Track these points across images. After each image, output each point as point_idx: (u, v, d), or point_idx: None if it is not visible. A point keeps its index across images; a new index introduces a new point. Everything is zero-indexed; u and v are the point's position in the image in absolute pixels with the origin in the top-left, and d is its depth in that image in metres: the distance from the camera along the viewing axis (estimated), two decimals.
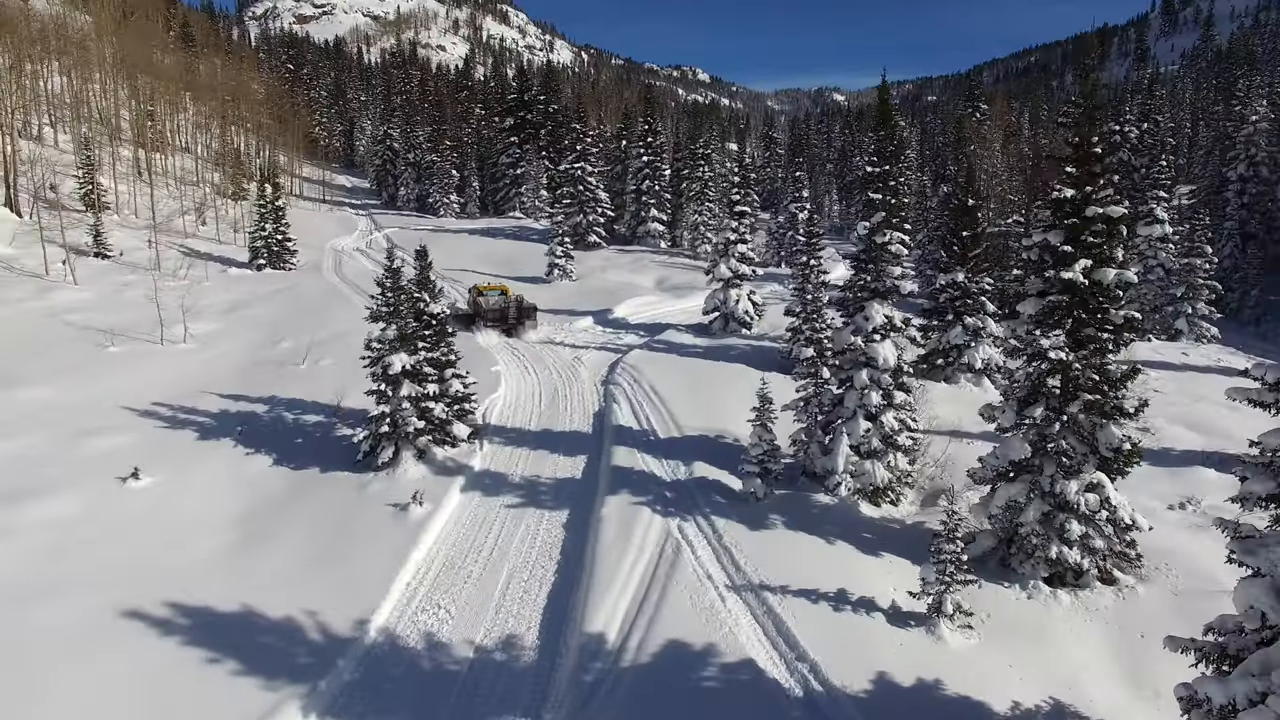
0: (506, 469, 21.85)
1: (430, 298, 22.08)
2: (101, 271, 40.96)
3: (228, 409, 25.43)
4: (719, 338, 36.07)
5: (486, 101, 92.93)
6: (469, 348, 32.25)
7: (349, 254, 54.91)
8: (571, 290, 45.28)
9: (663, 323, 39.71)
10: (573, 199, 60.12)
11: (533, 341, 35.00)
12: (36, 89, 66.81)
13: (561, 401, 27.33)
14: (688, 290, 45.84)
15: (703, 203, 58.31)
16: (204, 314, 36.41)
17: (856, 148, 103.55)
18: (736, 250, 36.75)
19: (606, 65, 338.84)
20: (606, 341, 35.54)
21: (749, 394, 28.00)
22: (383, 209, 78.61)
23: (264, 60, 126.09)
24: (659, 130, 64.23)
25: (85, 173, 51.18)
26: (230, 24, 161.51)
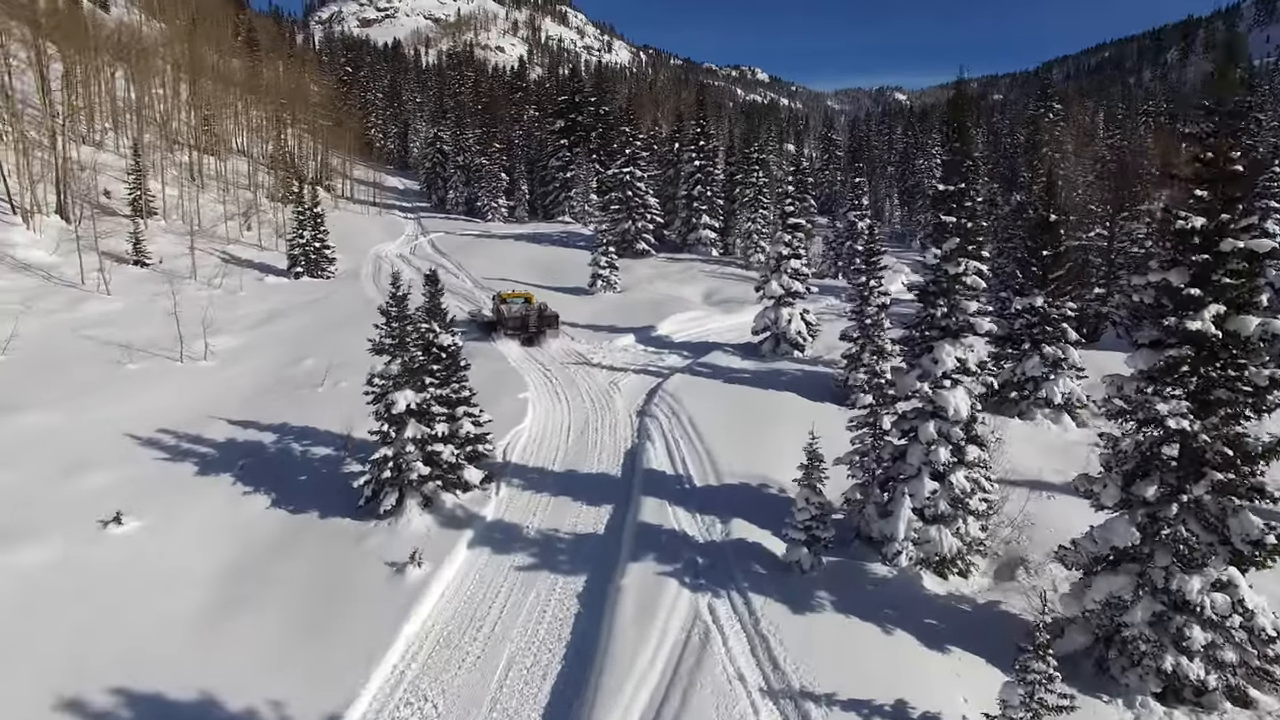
0: (522, 519, 19.46)
1: (441, 327, 19.80)
2: (137, 280, 39.98)
3: (235, 438, 23.62)
4: (768, 361, 33.22)
5: (540, 103, 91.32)
6: (497, 370, 30.20)
7: (390, 261, 53.41)
8: (614, 303, 42.84)
9: (709, 341, 37.02)
10: (621, 205, 57.79)
11: (564, 361, 32.65)
12: (100, 95, 67.21)
13: (592, 435, 24.84)
14: (738, 304, 43.04)
15: (756, 209, 55.34)
16: (233, 326, 35.04)
17: (919, 150, 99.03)
18: (789, 266, 33.85)
19: (665, 66, 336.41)
20: (648, 363, 32.97)
21: (798, 430, 25.22)
22: (431, 212, 77.39)
23: (324, 63, 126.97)
24: (712, 133, 61.43)
25: (135, 178, 50.72)
26: (295, 28, 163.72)
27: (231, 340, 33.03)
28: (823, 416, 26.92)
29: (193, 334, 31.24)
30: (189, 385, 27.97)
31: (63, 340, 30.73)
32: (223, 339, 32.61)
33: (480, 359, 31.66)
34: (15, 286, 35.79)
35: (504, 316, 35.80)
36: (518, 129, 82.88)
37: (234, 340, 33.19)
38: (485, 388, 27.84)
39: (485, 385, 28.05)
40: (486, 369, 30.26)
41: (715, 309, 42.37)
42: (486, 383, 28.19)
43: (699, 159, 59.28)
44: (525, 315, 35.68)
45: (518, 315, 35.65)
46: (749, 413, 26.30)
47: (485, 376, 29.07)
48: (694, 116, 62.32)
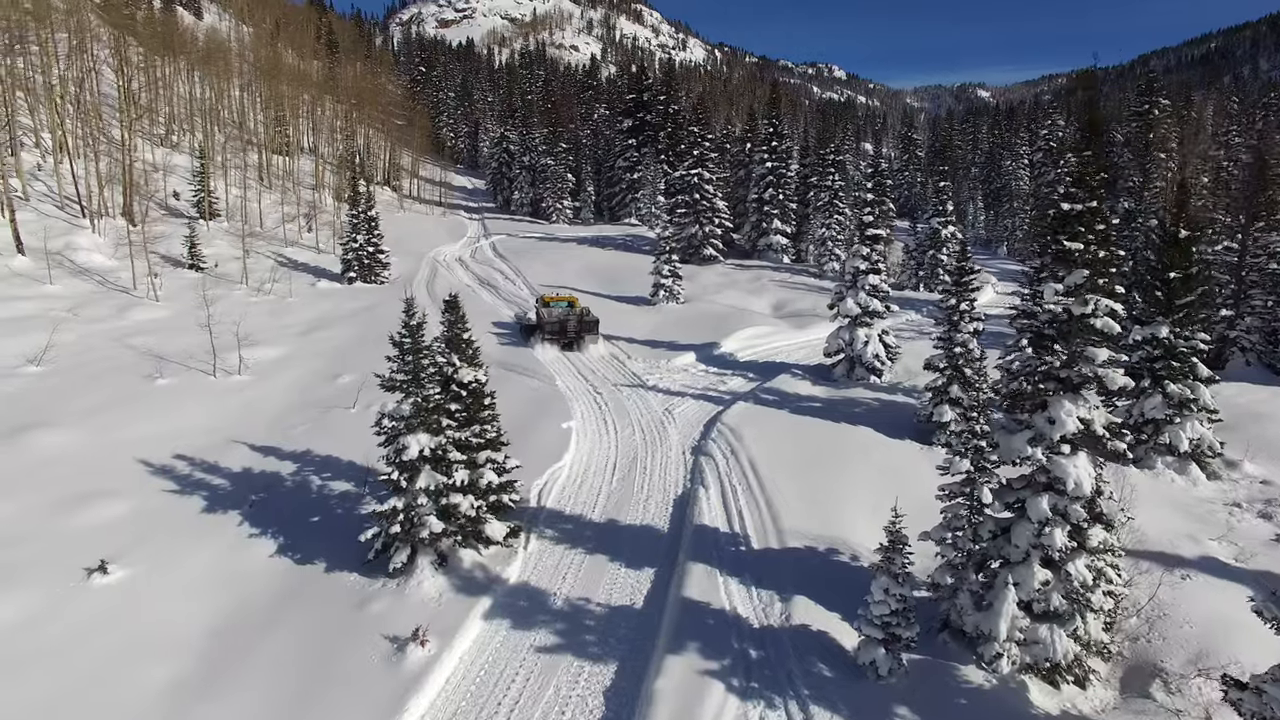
0: (550, 584, 16.78)
1: (462, 360, 17.27)
2: (189, 286, 38.92)
3: (252, 468, 21.65)
4: (842, 387, 29.85)
5: (610, 101, 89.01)
6: (542, 393, 27.68)
7: (447, 265, 51.69)
8: (676, 316, 39.91)
9: (778, 361, 33.81)
10: (688, 208, 54.82)
11: (617, 382, 29.90)
12: (176, 98, 67.67)
13: (639, 475, 22.02)
14: (809, 319, 39.61)
15: (831, 215, 51.63)
16: (276, 336, 33.48)
17: (1007, 149, 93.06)
18: (867, 282, 30.38)
19: (740, 64, 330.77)
20: (708, 387, 29.98)
21: (875, 476, 22.06)
22: (496, 213, 75.85)
23: (400, 63, 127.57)
24: (785, 133, 57.84)
25: (200, 180, 50.23)
26: (375, 31, 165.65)
27: (270, 351, 31.39)
28: (903, 458, 23.74)
29: (231, 345, 29.70)
30: (218, 402, 26.28)
31: (101, 350, 29.52)
32: (261, 351, 30.98)
33: (523, 378, 29.37)
34: (68, 292, 35.02)
35: (543, 320, 34.47)
36: (586, 129, 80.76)
37: (273, 351, 31.55)
38: (526, 413, 25.53)
39: (526, 410, 25.76)
40: (529, 391, 27.88)
41: (785, 323, 39.03)
42: (527, 408, 25.89)
43: (771, 160, 55.81)
44: (565, 319, 34.34)
45: (557, 319, 34.32)
46: (818, 452, 23.07)
47: (526, 400, 26.75)
48: (766, 115, 58.79)
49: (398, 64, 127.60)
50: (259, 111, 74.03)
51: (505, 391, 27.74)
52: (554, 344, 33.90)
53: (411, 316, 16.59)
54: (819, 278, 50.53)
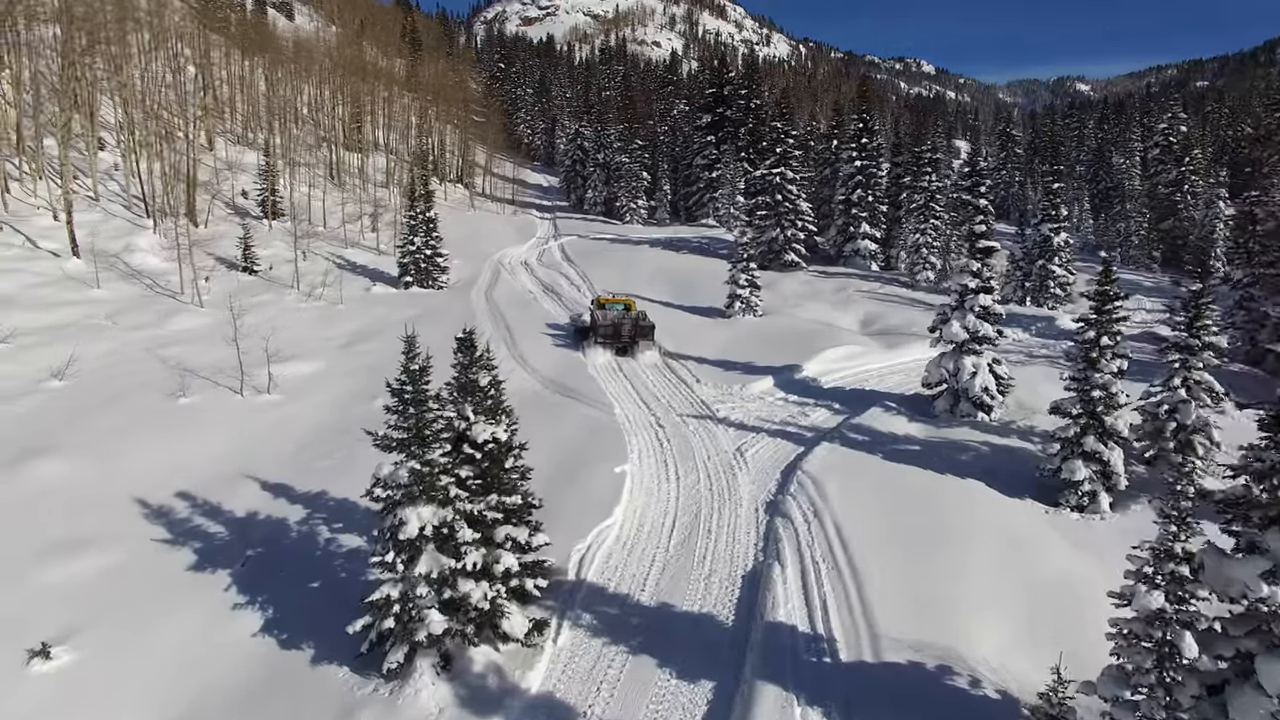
0: (580, 699, 13.12)
1: (478, 413, 13.76)
2: (238, 290, 36.83)
3: (257, 512, 18.77)
4: (944, 425, 25.29)
5: (690, 97, 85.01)
6: (596, 424, 24.10)
7: (511, 269, 48.71)
8: (753, 331, 35.79)
9: (867, 388, 29.44)
10: (769, 210, 50.49)
11: (682, 412, 26.05)
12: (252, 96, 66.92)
13: (702, 538, 18.18)
14: (902, 337, 34.99)
15: (926, 219, 46.50)
16: (316, 348, 30.94)
17: (1118, 146, 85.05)
18: (977, 302, 25.72)
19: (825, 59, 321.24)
20: (787, 420, 25.85)
21: (992, 552, 17.57)
22: (569, 212, 72.84)
23: (480, 60, 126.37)
24: (875, 129, 52.80)
25: (266, 179, 48.65)
26: (459, 29, 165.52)
27: (306, 366, 28.77)
28: (1026, 525, 19.21)
29: (266, 359, 27.18)
30: (240, 426, 23.65)
31: (131, 363, 27.36)
32: (296, 366, 28.39)
33: (576, 404, 25.89)
34: (114, 297, 33.28)
35: (597, 322, 32.69)
36: (664, 125, 77.04)
37: (309, 366, 28.92)
38: (576, 450, 22.00)
39: (577, 446, 22.23)
40: (581, 421, 24.34)
41: (874, 343, 34.44)
42: (578, 443, 22.36)
43: (860, 159, 50.94)
44: (619, 323, 32.52)
45: (612, 323, 32.55)
46: (921, 516, 18.76)
47: (578, 433, 23.24)
48: (856, 110, 53.83)
49: (479, 61, 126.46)
50: (337, 107, 72.83)
51: (555, 420, 24.48)
52: (607, 348, 31.97)
53: (413, 357, 13.13)
54: (911, 288, 45.57)
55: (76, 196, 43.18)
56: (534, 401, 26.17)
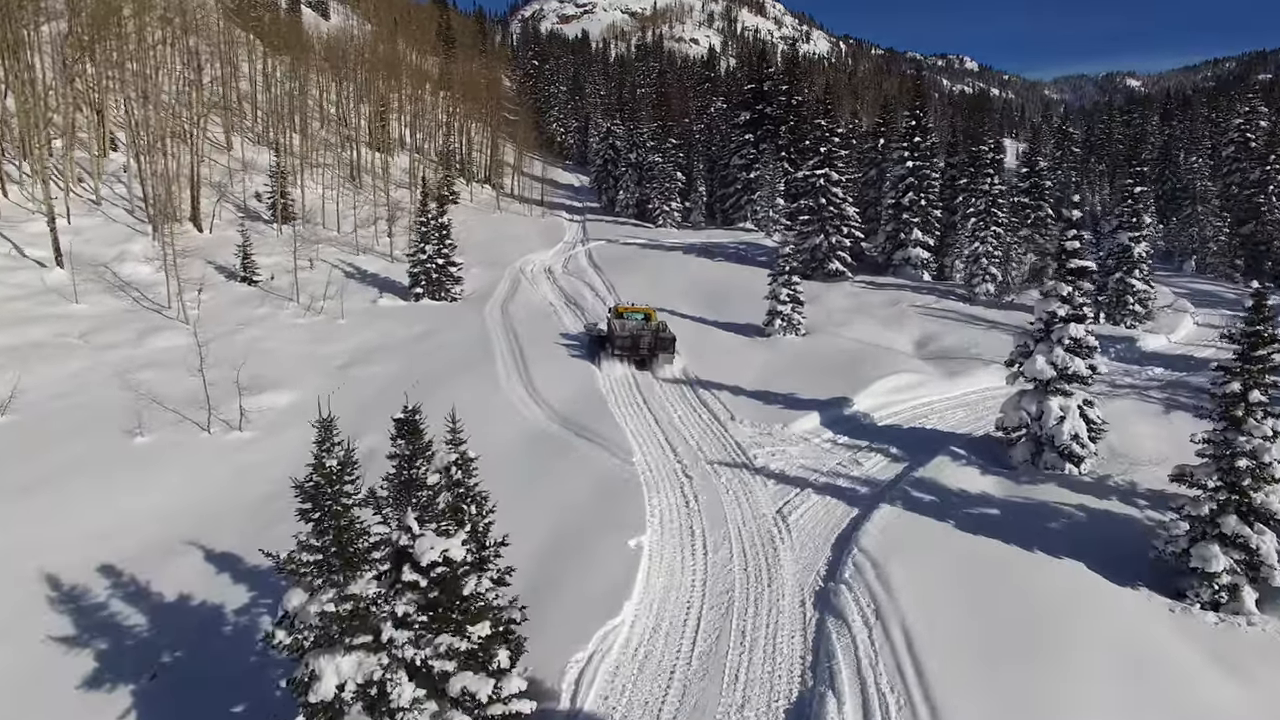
0: None
1: (427, 521, 9.94)
2: (232, 303, 33.79)
3: (190, 596, 15.27)
4: (1025, 480, 20.97)
5: (728, 94, 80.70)
6: (610, 475, 20.22)
7: (532, 278, 45.06)
8: (796, 354, 31.67)
9: (928, 427, 25.24)
10: (812, 214, 46.23)
11: (713, 459, 22.06)
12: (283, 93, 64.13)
13: (733, 649, 14.15)
14: (964, 362, 30.69)
15: (986, 225, 41.80)
16: (306, 372, 27.54)
17: (1188, 143, 78.75)
18: (1067, 334, 21.35)
19: (865, 56, 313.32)
20: (838, 470, 21.74)
21: (1105, 675, 13.21)
22: (600, 214, 69.09)
23: (514, 58, 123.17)
24: (929, 126, 48.13)
25: (276, 181, 45.61)
26: (495, 28, 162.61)
27: (288, 396, 25.36)
28: (1145, 633, 14.80)
29: (248, 386, 23.84)
30: (200, 473, 20.26)
31: (90, 392, 24.13)
32: (276, 396, 25.04)
33: (590, 447, 22.03)
34: (94, 312, 30.27)
35: (614, 332, 30.27)
36: (700, 123, 72.92)
37: (292, 395, 25.50)
38: (584, 512, 18.12)
39: (585, 508, 18.36)
40: (595, 472, 20.50)
41: (933, 369, 30.10)
42: (588, 505, 18.53)
43: (913, 159, 46.37)
44: (638, 335, 30.14)
45: (630, 333, 30.16)
46: (1010, 616, 14.60)
47: (589, 489, 19.40)
48: (908, 106, 49.20)
49: (514, 59, 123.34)
50: (363, 105, 69.86)
51: (563, 471, 20.60)
52: (624, 360, 29.69)
53: (329, 446, 9.37)
54: (969, 302, 41.01)
55: (78, 200, 40.63)
56: (541, 444, 22.45)
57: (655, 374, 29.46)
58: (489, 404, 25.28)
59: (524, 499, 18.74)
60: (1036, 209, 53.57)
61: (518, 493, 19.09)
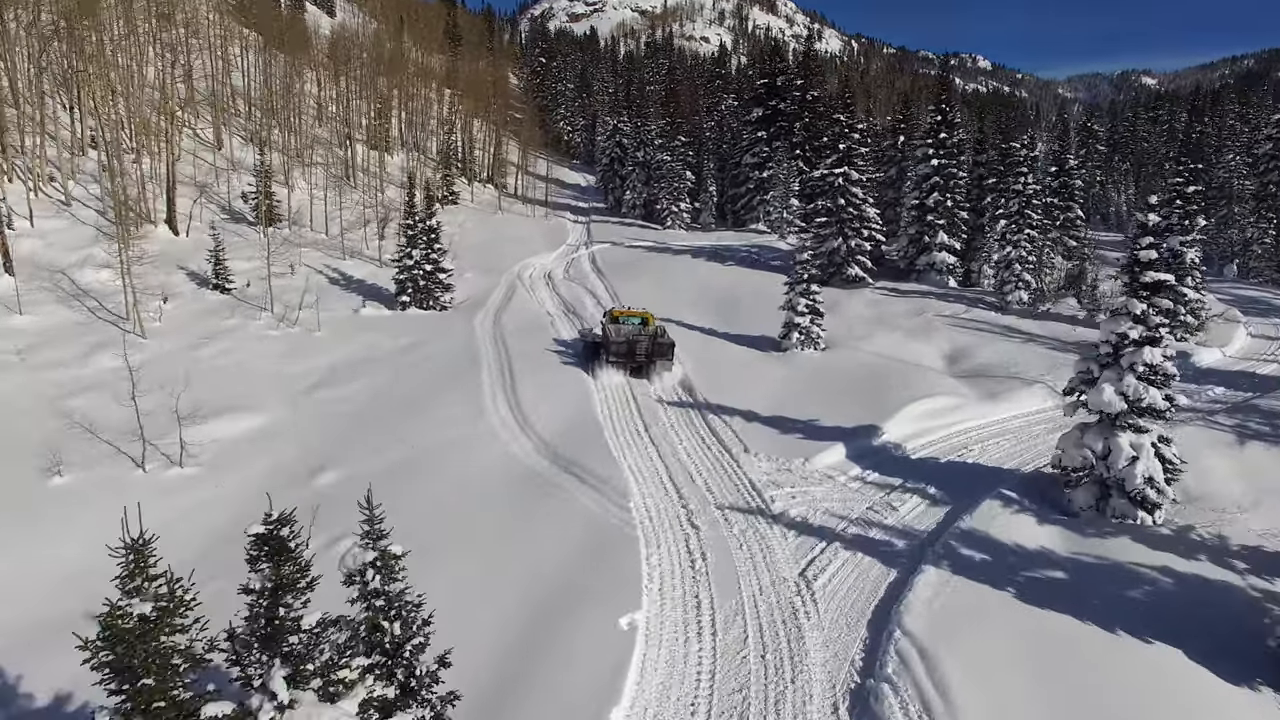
0: None
1: (301, 680, 6.78)
2: (199, 314, 30.82)
3: (61, 704, 12.24)
4: (1091, 531, 17.64)
5: (740, 91, 77.30)
6: (599, 526, 17.08)
7: (530, 285, 41.89)
8: (815, 371, 28.41)
9: (969, 461, 21.96)
10: (830, 216, 42.88)
11: (723, 503, 18.84)
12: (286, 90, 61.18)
13: None
14: (1004, 381, 27.34)
15: (1020, 229, 38.30)
16: (270, 393, 24.48)
17: (1226, 141, 74.58)
18: (1141, 358, 18.01)
19: (877, 54, 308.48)
20: (869, 515, 18.50)
21: None
22: (606, 216, 65.86)
23: (525, 55, 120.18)
24: (956, 122, 44.69)
25: (261, 180, 42.63)
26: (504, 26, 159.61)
27: (246, 422, 22.33)
28: None
29: (194, 410, 20.85)
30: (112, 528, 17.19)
31: (13, 421, 21.14)
32: (232, 422, 22.01)
33: (580, 487, 18.86)
34: (40, 325, 27.35)
35: (609, 338, 28.00)
36: (710, 120, 69.57)
37: (254, 421, 22.48)
38: (567, 584, 14.82)
39: (569, 577, 15.08)
40: (584, 522, 17.37)
41: (968, 389, 26.70)
42: (572, 569, 15.36)
43: (938, 156, 42.93)
44: (634, 340, 27.91)
45: (625, 338, 27.93)
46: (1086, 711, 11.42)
47: (575, 547, 16.25)
48: (935, 99, 45.74)
49: (521, 57, 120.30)
50: (360, 101, 66.89)
51: (544, 525, 17.21)
52: (620, 368, 27.48)
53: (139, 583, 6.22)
54: (1000, 311, 37.58)
55: (47, 201, 37.85)
56: (524, 483, 19.30)
57: (653, 383, 27.20)
58: (469, 432, 22.20)
59: (494, 559, 15.66)
60: (1066, 209, 50.18)
61: (487, 551, 16.01)
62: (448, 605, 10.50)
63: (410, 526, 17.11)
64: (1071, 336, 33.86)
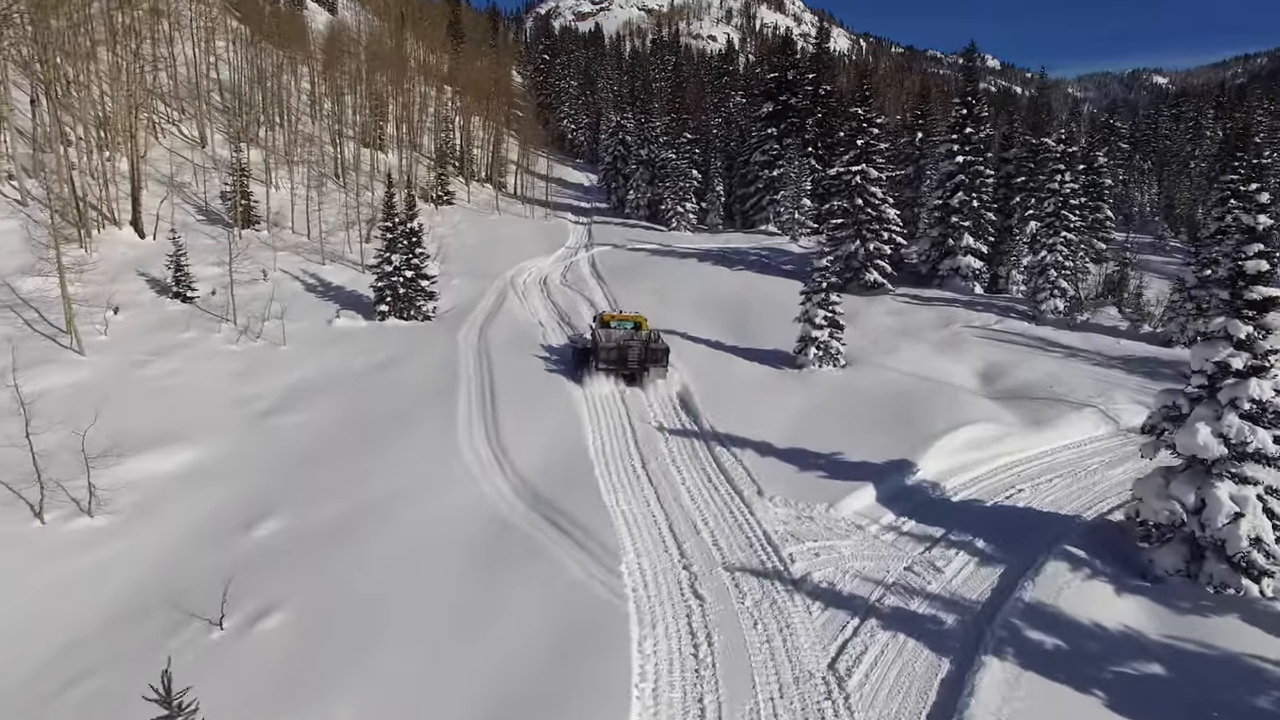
0: None
1: None
2: (153, 326, 27.64)
3: None
4: (1185, 607, 14.27)
5: (748, 88, 73.91)
6: (581, 615, 13.79)
7: (523, 291, 38.65)
8: (835, 393, 25.06)
9: (1020, 503, 18.63)
10: (847, 217, 39.53)
11: (734, 564, 15.52)
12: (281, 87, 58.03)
13: None
14: (1049, 405, 24.02)
15: (1056, 231, 34.84)
16: (216, 420, 21.29)
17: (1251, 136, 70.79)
18: (1244, 393, 14.66)
19: (885, 53, 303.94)
20: (908, 581, 15.19)
21: None
22: (608, 216, 62.62)
23: (530, 53, 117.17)
24: (983, 116, 41.25)
25: (237, 179, 39.52)
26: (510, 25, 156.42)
27: (186, 455, 19.18)
28: None
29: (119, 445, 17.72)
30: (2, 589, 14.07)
31: None
32: (162, 457, 18.82)
33: (563, 553, 15.56)
34: None
35: (599, 344, 25.80)
36: (717, 117, 66.22)
37: (191, 454, 19.30)
38: (538, 678, 11.47)
39: (541, 662, 11.76)
40: (563, 593, 14.15)
41: (1010, 414, 23.29)
42: (547, 652, 12.15)
43: (964, 154, 39.50)
44: (625, 345, 25.67)
45: (616, 344, 25.72)
46: None
47: (553, 623, 13.08)
48: (960, 94, 42.27)
49: (526, 55, 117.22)
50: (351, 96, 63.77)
51: (516, 590, 13.73)
52: (611, 376, 25.29)
53: None
54: (1034, 321, 34.17)
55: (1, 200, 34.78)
56: (496, 538, 16.05)
57: (647, 391, 25.20)
58: (439, 470, 18.98)
59: (446, 652, 12.45)
60: (1095, 210, 46.70)
61: (439, 639, 12.78)
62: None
63: (350, 605, 13.99)
64: (1116, 350, 30.55)
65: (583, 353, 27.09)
